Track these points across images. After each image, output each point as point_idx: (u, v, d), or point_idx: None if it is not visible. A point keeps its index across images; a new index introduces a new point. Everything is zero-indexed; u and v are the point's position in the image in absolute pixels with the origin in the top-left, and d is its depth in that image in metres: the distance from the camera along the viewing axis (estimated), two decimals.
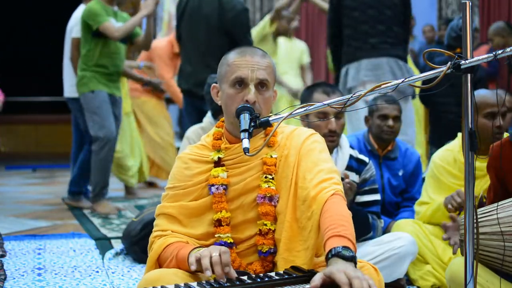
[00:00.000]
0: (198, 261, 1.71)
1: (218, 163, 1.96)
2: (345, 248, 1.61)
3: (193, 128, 3.68)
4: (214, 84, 2.03)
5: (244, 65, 1.92)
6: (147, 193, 5.94)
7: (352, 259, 1.58)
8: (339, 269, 1.52)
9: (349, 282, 1.49)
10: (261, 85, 1.92)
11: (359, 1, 4.36)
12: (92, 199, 4.89)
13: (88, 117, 4.78)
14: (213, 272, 1.68)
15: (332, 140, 2.85)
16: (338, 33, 4.53)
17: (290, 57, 6.65)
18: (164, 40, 6.23)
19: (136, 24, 4.72)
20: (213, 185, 1.93)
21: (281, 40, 7.19)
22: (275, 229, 1.90)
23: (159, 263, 1.91)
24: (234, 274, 1.70)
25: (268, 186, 1.91)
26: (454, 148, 3.09)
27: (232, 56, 1.96)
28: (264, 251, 1.90)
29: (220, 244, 1.90)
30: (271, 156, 1.94)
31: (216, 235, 1.92)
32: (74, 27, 5.02)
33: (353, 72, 4.35)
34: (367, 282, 1.50)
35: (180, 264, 1.84)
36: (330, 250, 1.61)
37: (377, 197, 2.98)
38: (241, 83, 1.91)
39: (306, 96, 2.96)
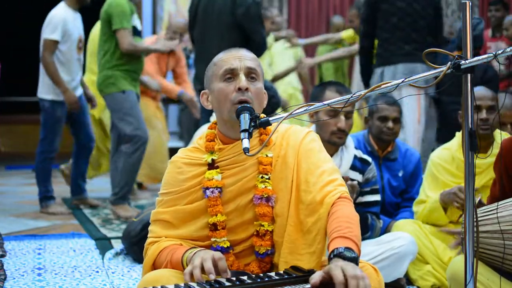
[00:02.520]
0: (191, 274, 1.70)
1: (212, 165, 1.94)
2: (347, 249, 1.61)
3: (205, 128, 3.68)
4: (203, 91, 2.01)
5: (231, 57, 1.93)
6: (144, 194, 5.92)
7: (354, 260, 1.58)
8: (337, 265, 1.52)
9: (344, 281, 1.49)
10: (251, 75, 1.91)
11: (397, 7, 4.54)
12: (114, 201, 4.70)
13: (119, 117, 4.64)
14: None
15: (340, 137, 2.86)
16: (371, 45, 4.73)
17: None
18: (152, 38, 6.09)
19: (147, 52, 4.78)
20: (207, 188, 1.90)
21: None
22: (272, 230, 1.89)
23: (155, 269, 1.89)
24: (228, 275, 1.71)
25: (265, 187, 1.88)
26: (452, 147, 3.12)
27: (218, 56, 1.98)
28: (262, 252, 1.89)
29: (216, 249, 1.89)
30: (267, 156, 1.92)
31: (212, 239, 1.91)
32: (45, 27, 4.75)
33: (389, 74, 4.55)
34: (363, 282, 1.50)
35: (176, 268, 1.83)
36: (333, 251, 1.61)
37: (377, 197, 2.99)
38: (231, 74, 1.90)
39: (317, 93, 2.95)
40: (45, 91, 4.86)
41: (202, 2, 4.71)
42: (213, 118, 3.73)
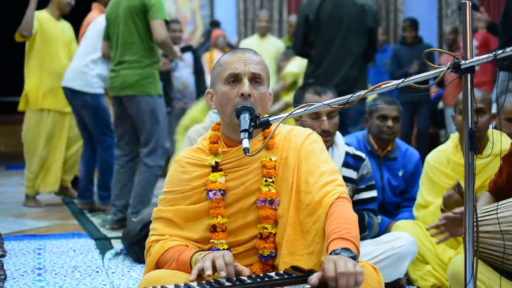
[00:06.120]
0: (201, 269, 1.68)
1: (215, 168, 1.94)
2: (345, 249, 1.61)
3: (195, 128, 3.68)
4: (208, 90, 2.01)
5: (236, 61, 1.92)
6: None
7: (352, 259, 1.58)
8: (330, 259, 1.54)
9: (335, 277, 1.50)
10: (255, 80, 1.91)
11: None
12: (130, 214, 4.29)
13: (153, 122, 4.27)
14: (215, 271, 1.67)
15: (326, 140, 2.85)
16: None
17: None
18: None
19: (172, 52, 4.40)
20: (210, 190, 1.91)
21: (251, 39, 7.22)
22: (276, 232, 1.90)
23: (158, 267, 1.89)
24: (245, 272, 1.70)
25: (269, 190, 1.89)
26: (447, 148, 3.14)
27: (224, 57, 1.97)
28: (266, 255, 1.89)
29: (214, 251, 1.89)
30: (271, 159, 1.92)
31: (210, 241, 1.91)
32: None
33: None
34: (354, 278, 1.50)
35: (181, 268, 1.83)
36: (331, 253, 1.62)
37: (374, 193, 2.99)
38: (234, 78, 1.90)
39: (297, 96, 2.96)
40: (89, 84, 4.78)
41: (324, 9, 4.55)
42: (208, 118, 3.75)
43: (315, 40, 4.57)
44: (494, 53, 1.68)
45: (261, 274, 1.68)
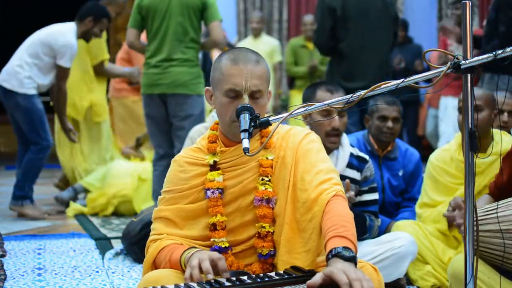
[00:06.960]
0: (191, 276, 1.70)
1: (213, 167, 1.95)
2: (346, 248, 1.61)
3: (196, 128, 3.68)
4: (208, 88, 2.01)
5: (237, 74, 1.88)
6: None
7: (352, 260, 1.58)
8: (339, 269, 1.52)
9: (349, 283, 1.49)
10: (255, 94, 1.90)
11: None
12: None
13: (197, 121, 4.10)
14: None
15: (334, 142, 2.85)
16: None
17: None
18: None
19: None
20: (209, 189, 1.92)
21: (246, 40, 7.24)
22: (274, 231, 1.90)
23: (155, 267, 1.90)
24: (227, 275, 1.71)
25: (265, 189, 1.90)
26: (451, 148, 3.14)
27: (225, 63, 1.91)
28: (264, 254, 1.90)
29: (215, 249, 1.90)
30: (267, 158, 1.93)
31: (211, 239, 1.92)
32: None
33: None
34: (367, 284, 1.50)
35: (175, 268, 1.84)
36: (331, 251, 1.62)
37: (376, 196, 2.99)
38: (235, 94, 1.89)
39: (309, 94, 2.95)
40: (21, 84, 4.64)
41: (350, 2, 4.43)
42: (210, 117, 3.76)
43: (343, 34, 4.40)
44: (494, 53, 1.67)
45: (261, 274, 1.68)
